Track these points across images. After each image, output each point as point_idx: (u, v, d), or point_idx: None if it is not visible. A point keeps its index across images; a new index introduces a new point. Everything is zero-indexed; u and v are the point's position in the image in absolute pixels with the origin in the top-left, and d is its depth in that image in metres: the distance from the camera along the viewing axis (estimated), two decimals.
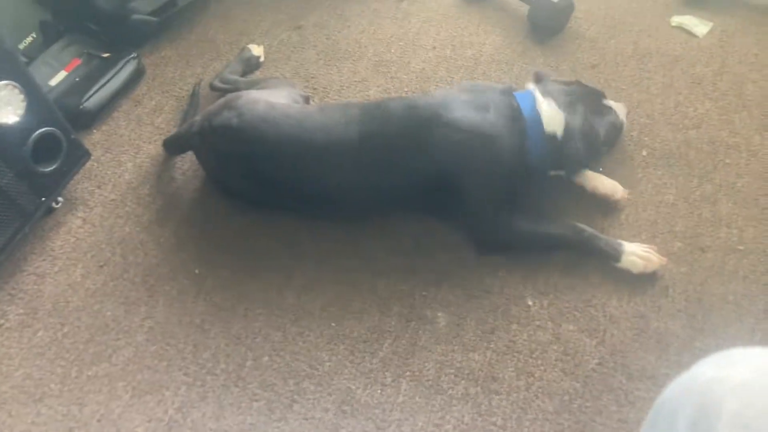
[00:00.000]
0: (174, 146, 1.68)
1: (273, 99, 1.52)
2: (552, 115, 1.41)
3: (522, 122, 1.41)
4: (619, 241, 1.42)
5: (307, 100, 1.68)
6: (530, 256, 1.45)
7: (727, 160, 1.61)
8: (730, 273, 1.41)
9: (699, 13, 1.97)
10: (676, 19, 1.96)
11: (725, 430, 0.57)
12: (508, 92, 1.46)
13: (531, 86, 1.49)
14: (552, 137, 1.43)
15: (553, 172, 1.51)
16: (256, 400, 1.30)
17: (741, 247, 1.45)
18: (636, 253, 1.40)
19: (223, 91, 1.78)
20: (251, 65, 1.91)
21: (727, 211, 1.51)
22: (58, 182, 1.56)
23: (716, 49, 1.87)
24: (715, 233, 1.47)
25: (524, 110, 1.42)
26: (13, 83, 1.38)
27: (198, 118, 1.56)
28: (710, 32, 1.92)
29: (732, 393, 0.60)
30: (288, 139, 1.42)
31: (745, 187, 1.55)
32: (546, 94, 1.45)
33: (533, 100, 1.44)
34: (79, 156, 1.61)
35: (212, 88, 1.84)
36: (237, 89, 1.72)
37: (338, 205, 1.51)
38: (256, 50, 1.94)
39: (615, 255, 1.40)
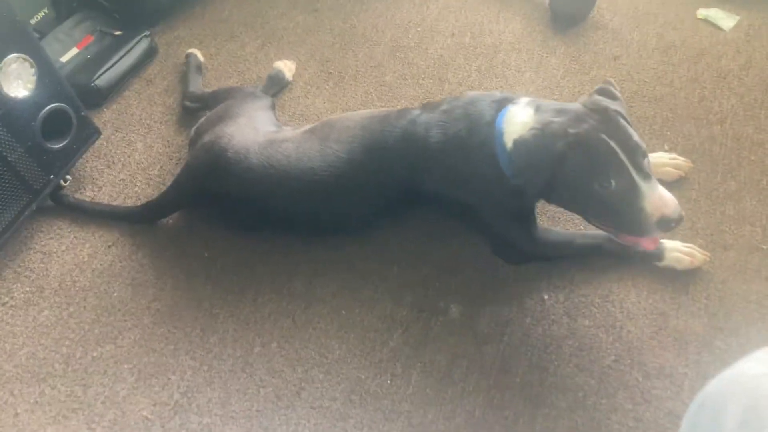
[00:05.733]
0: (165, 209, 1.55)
1: (249, 133, 1.45)
2: (515, 128, 1.22)
3: (491, 133, 1.26)
4: None
5: (273, 105, 1.65)
6: None
7: (752, 157, 1.56)
8: (752, 272, 1.37)
9: (725, 6, 1.91)
10: (703, 12, 1.91)
11: None
12: (499, 102, 1.30)
13: (523, 98, 1.28)
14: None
15: None
16: (264, 387, 1.28)
17: (764, 246, 1.41)
18: (679, 250, 1.36)
19: (195, 110, 1.73)
20: (281, 83, 1.79)
21: (751, 209, 1.46)
22: (67, 160, 1.54)
23: (742, 44, 1.82)
24: (738, 231, 1.43)
25: (497, 121, 1.27)
26: (24, 56, 1.36)
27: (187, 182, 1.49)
28: (737, 26, 1.86)
29: None
30: (281, 190, 1.38)
31: None
32: (535, 106, 1.24)
33: (506, 110, 1.27)
34: (88, 134, 1.59)
35: (184, 108, 1.76)
36: (206, 106, 1.67)
37: (334, 228, 1.48)
38: (287, 71, 1.81)
39: (657, 254, 1.36)
